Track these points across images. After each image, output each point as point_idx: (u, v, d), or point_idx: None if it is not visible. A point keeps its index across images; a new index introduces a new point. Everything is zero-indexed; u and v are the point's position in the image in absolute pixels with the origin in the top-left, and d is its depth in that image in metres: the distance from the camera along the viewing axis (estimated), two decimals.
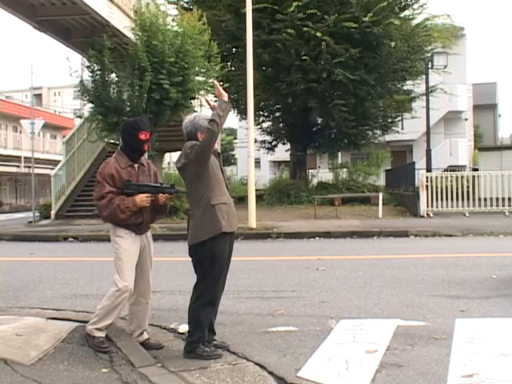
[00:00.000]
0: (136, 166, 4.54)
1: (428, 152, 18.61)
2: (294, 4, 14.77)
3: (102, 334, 4.46)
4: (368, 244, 11.61)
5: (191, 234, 4.33)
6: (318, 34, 14.72)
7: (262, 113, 19.66)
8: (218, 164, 4.43)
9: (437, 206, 16.44)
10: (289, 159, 22.31)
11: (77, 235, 14.13)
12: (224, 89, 4.57)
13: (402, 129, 24.93)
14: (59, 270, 8.54)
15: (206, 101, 4.61)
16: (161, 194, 4.50)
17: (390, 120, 20.66)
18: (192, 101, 14.64)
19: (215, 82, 4.70)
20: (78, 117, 31.00)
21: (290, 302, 6.15)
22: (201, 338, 4.33)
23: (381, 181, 25.21)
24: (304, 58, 15.34)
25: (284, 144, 22.00)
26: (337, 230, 13.32)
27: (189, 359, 4.24)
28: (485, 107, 41.67)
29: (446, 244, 11.24)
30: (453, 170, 22.92)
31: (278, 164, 36.33)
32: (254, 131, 14.64)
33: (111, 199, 4.34)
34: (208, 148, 4.24)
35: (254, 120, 15.58)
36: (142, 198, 4.40)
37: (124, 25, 14.91)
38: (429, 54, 18.78)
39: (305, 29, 15.05)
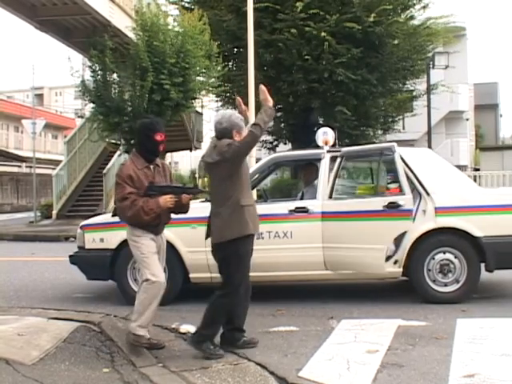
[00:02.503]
0: (151, 166, 4.54)
1: None
2: (298, 4, 14.76)
3: (146, 332, 4.44)
4: None
5: (217, 232, 4.36)
6: (323, 34, 14.70)
7: None
8: (247, 166, 4.49)
9: None
10: None
11: None
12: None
13: (404, 128, 24.90)
14: (60, 270, 8.54)
15: (239, 102, 4.65)
16: (184, 195, 4.49)
17: (391, 120, 20.63)
18: (193, 101, 14.65)
19: (262, 86, 4.61)
20: (79, 117, 31.02)
21: (291, 301, 6.15)
22: (212, 334, 4.37)
23: None
24: (306, 57, 15.33)
25: (285, 144, 21.98)
26: None
27: (190, 358, 4.25)
28: (486, 107, 41.61)
29: None
30: None
31: None
32: None
33: (134, 200, 4.33)
34: (246, 150, 4.31)
35: None
36: (166, 200, 4.38)
37: (125, 25, 14.92)
38: (430, 54, 18.77)
39: (307, 29, 15.04)
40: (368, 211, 5.85)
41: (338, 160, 6.39)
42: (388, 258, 5.99)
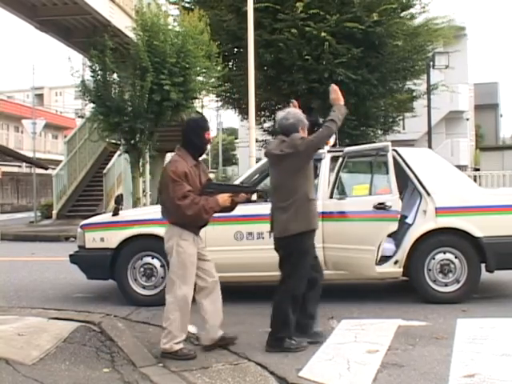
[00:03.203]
0: (197, 164, 4.52)
1: None
2: (299, 4, 14.75)
3: (181, 345, 4.35)
4: None
5: (282, 226, 4.39)
6: (323, 34, 14.69)
7: (263, 113, 19.63)
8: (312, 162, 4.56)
9: None
10: None
11: None
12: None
13: (404, 129, 24.89)
14: (61, 270, 8.54)
15: (294, 103, 4.75)
16: (242, 194, 4.48)
17: (391, 120, 20.62)
18: (193, 101, 14.64)
19: (334, 86, 4.70)
20: (79, 117, 31.04)
21: None
22: (289, 333, 4.40)
23: None
24: (306, 57, 15.31)
25: None
26: None
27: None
28: (486, 107, 41.60)
29: None
30: None
31: None
32: (255, 131, 14.62)
33: (194, 199, 4.25)
34: (320, 145, 4.49)
35: (256, 120, 15.54)
36: (224, 198, 4.36)
37: (125, 25, 14.90)
38: (430, 54, 18.76)
39: (307, 29, 15.03)
40: (360, 212, 5.86)
41: (340, 160, 6.39)
42: (388, 258, 6.00)
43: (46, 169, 12.46)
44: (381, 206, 5.67)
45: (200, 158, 4.63)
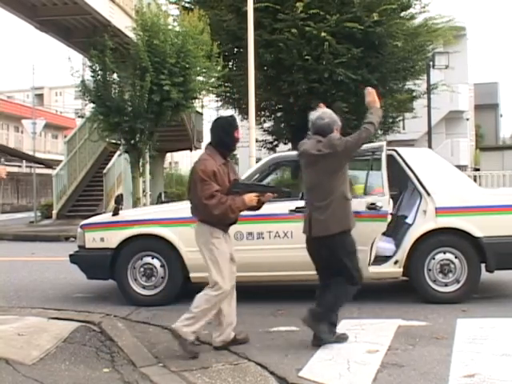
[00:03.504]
0: (226, 163, 4.53)
1: None
2: (299, 4, 14.75)
3: (194, 337, 4.38)
4: None
5: (321, 225, 4.44)
6: (323, 34, 14.69)
7: (263, 113, 19.63)
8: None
9: None
10: None
11: None
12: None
13: (404, 129, 24.89)
14: (61, 270, 8.54)
15: (321, 105, 4.77)
16: (268, 193, 4.50)
17: (391, 120, 20.63)
18: (193, 101, 14.64)
19: (370, 88, 4.71)
20: (79, 117, 30.97)
21: (291, 301, 6.14)
22: (329, 319, 4.50)
23: None
24: (306, 57, 15.31)
25: (285, 144, 21.98)
26: None
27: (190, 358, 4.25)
28: (486, 107, 41.60)
29: None
30: None
31: None
32: (255, 131, 14.61)
33: (221, 198, 4.28)
34: (359, 146, 4.51)
35: (256, 120, 15.54)
36: (251, 198, 4.37)
37: (125, 25, 14.90)
38: (430, 54, 18.77)
39: (307, 29, 15.03)
40: (354, 212, 5.85)
41: None
42: (388, 258, 6.00)
43: (50, 167, 12.43)
44: (372, 207, 5.69)
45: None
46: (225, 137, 4.46)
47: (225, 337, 4.51)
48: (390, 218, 5.86)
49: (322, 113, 4.63)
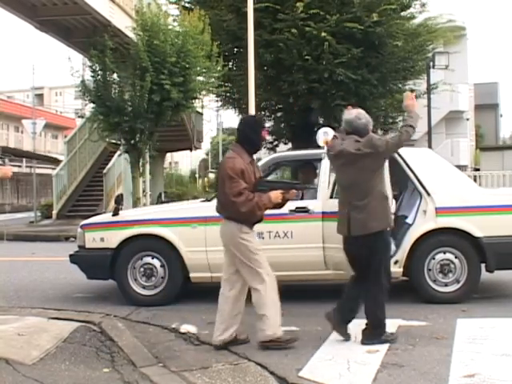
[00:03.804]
0: (252, 161, 4.59)
1: None
2: (299, 4, 14.75)
3: (280, 332, 4.46)
4: None
5: (360, 224, 4.49)
6: (323, 34, 14.69)
7: (263, 113, 19.63)
8: None
9: None
10: None
11: None
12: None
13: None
14: (61, 270, 8.54)
15: (348, 107, 4.83)
16: (293, 191, 4.59)
17: (391, 120, 20.63)
18: (193, 101, 14.64)
19: (409, 93, 4.86)
20: (79, 117, 30.98)
21: (291, 301, 6.13)
22: (384, 327, 4.56)
23: None
24: (306, 57, 15.31)
25: (285, 144, 21.99)
26: None
27: (190, 358, 4.24)
28: (486, 107, 41.60)
29: None
30: None
31: None
32: None
33: (248, 196, 4.35)
34: (400, 147, 4.69)
35: None
36: (277, 195, 4.45)
37: (125, 25, 14.90)
38: (430, 54, 18.77)
39: (307, 29, 15.03)
40: None
41: None
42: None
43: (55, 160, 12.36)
44: None
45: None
46: (253, 135, 4.55)
47: (226, 336, 4.52)
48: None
49: (358, 113, 4.68)
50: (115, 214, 6.46)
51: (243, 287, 4.57)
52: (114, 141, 15.22)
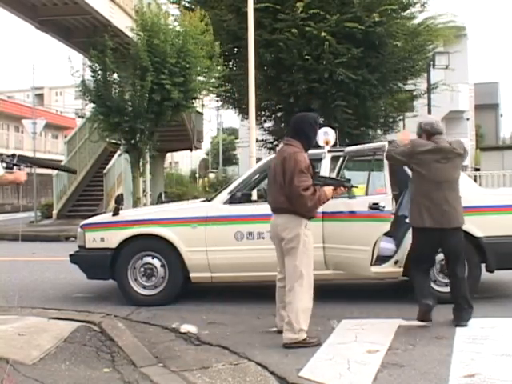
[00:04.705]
0: None
1: None
2: (299, 4, 14.75)
3: (304, 333, 4.51)
4: None
5: (453, 216, 4.96)
6: (323, 34, 14.69)
7: (263, 113, 19.63)
8: None
9: None
10: None
11: None
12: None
13: (404, 128, 24.92)
14: (61, 269, 8.54)
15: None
16: (341, 187, 4.78)
17: (391, 120, 20.63)
18: (193, 101, 14.64)
19: (406, 131, 5.38)
20: (79, 117, 30.98)
21: None
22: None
23: None
24: (306, 57, 15.31)
25: None
26: None
27: (190, 358, 4.24)
28: (486, 107, 41.63)
29: None
30: None
31: None
32: (255, 131, 14.61)
33: (314, 191, 4.49)
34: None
35: (256, 120, 15.54)
36: (330, 191, 4.64)
37: (125, 25, 14.91)
38: (430, 54, 18.78)
39: (307, 29, 15.03)
40: (357, 212, 5.86)
41: (341, 160, 6.39)
42: (388, 258, 6.00)
43: (75, 172, 12.68)
44: (375, 206, 5.68)
45: None
46: (310, 132, 4.69)
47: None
48: (393, 217, 5.86)
49: (431, 120, 5.20)
50: (115, 213, 6.46)
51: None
52: (114, 141, 15.24)
